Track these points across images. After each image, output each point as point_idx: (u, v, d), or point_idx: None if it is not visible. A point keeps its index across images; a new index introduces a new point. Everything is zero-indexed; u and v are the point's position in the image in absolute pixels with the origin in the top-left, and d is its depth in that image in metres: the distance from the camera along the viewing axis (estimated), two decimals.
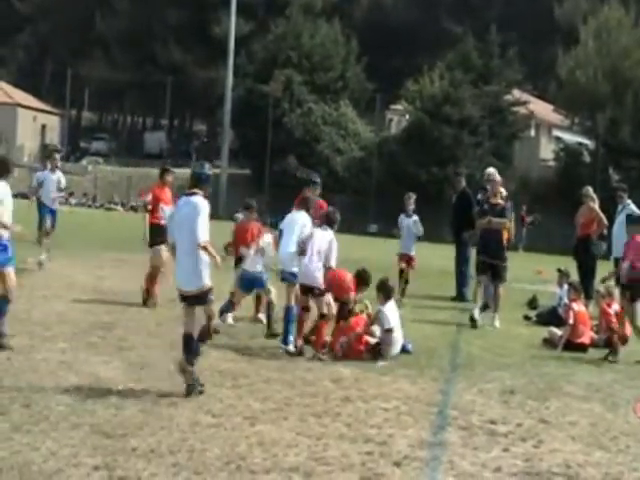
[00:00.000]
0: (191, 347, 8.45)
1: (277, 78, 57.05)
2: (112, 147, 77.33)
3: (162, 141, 73.15)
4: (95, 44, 75.57)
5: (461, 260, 17.25)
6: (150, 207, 13.74)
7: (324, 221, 11.23)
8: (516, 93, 57.87)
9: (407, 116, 57.91)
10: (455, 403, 8.78)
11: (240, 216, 14.97)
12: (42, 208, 19.11)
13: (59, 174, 19.36)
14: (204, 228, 8.38)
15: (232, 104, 57.24)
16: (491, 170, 16.11)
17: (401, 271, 16.33)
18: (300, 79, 57.86)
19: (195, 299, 8.49)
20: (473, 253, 16.66)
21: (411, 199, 16.51)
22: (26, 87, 77.96)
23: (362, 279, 11.81)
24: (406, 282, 16.33)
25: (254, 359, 10.23)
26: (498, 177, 15.27)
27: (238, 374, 9.36)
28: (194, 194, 8.54)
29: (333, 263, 10.96)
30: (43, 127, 74.60)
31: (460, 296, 17.44)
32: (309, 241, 10.71)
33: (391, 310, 10.95)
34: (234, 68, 58.18)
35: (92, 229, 32.98)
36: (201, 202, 8.49)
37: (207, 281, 8.48)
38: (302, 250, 10.66)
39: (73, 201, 56.33)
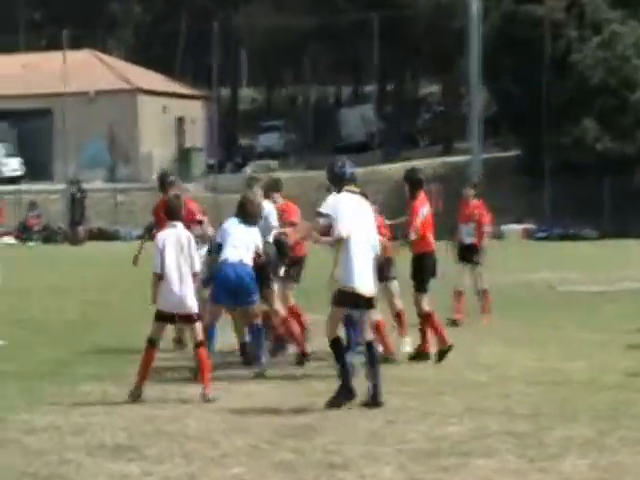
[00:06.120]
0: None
1: None
2: (291, 140, 78.27)
3: (368, 120, 72.90)
4: None
5: None
6: None
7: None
8: None
9: None
10: None
11: None
12: None
13: None
14: None
15: (482, 45, 57.13)
16: None
17: None
18: None
19: (372, 302, 12.85)
20: None
21: None
22: (149, 62, 79.95)
23: None
24: None
25: None
26: None
27: None
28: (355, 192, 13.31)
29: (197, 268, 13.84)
30: (179, 121, 76.33)
31: None
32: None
33: None
34: None
35: None
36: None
37: None
38: None
39: None
